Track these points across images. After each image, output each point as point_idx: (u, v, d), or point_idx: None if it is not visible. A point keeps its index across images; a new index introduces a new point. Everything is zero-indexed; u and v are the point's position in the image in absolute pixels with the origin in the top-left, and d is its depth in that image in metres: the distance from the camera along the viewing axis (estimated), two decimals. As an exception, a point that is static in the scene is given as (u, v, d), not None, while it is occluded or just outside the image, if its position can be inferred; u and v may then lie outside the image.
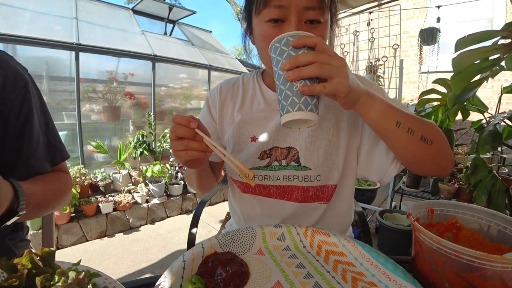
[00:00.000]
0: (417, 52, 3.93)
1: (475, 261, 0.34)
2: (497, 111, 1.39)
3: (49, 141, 0.64)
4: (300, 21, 0.55)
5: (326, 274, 0.43)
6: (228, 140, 0.73)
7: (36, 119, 0.60)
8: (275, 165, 0.68)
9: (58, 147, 0.67)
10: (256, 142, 0.69)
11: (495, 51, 0.70)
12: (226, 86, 0.77)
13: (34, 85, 0.63)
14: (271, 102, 0.71)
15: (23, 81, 0.58)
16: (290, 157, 0.67)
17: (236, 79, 0.78)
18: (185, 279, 0.39)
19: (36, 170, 0.60)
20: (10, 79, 0.56)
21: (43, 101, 0.65)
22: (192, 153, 0.50)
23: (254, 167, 0.69)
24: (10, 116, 0.56)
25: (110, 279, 0.36)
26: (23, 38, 2.32)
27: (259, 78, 0.76)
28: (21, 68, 0.61)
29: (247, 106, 0.73)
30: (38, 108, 0.62)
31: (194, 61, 3.65)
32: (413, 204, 0.47)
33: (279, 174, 0.68)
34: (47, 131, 0.64)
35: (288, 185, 0.68)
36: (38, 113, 0.62)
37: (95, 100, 2.95)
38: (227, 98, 0.75)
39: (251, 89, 0.75)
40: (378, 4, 3.03)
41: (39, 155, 0.61)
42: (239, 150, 0.71)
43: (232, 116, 0.73)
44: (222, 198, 3.49)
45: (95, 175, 2.77)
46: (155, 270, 2.07)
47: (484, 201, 1.11)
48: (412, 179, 2.25)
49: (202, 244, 0.46)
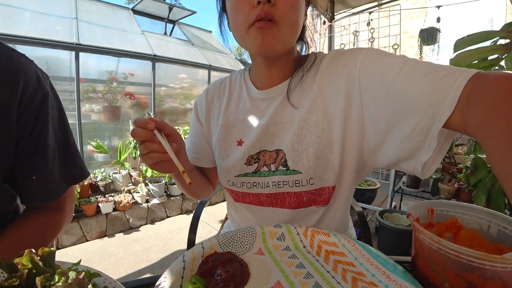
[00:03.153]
0: (417, 52, 3.93)
1: (475, 261, 0.34)
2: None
3: (68, 159, 0.59)
4: None
5: (326, 274, 0.43)
6: (214, 145, 0.69)
7: (52, 135, 0.55)
8: (264, 170, 0.62)
9: (78, 164, 0.61)
10: (243, 146, 0.64)
11: (494, 51, 0.70)
12: (213, 87, 0.73)
13: (55, 96, 0.58)
14: (256, 101, 0.65)
15: (42, 94, 0.53)
16: (278, 160, 0.60)
17: (224, 79, 0.73)
18: (185, 279, 0.39)
19: (52, 191, 0.56)
20: (28, 94, 0.51)
21: (63, 113, 0.60)
22: (153, 155, 0.49)
23: (241, 174, 0.64)
24: (22, 135, 0.51)
25: (110, 279, 0.36)
26: (23, 38, 2.33)
27: (246, 73, 0.69)
28: (43, 76, 0.56)
29: (233, 107, 0.67)
30: (56, 123, 0.57)
31: (194, 61, 3.65)
32: (413, 204, 0.47)
33: (268, 181, 0.61)
34: (66, 148, 0.59)
35: (279, 192, 0.61)
36: (56, 128, 0.57)
37: (95, 100, 2.95)
38: (213, 99, 0.71)
39: (238, 88, 0.69)
40: (378, 4, 3.03)
41: (55, 174, 0.56)
42: (225, 155, 0.66)
43: (218, 119, 0.69)
44: (222, 198, 3.49)
45: (95, 175, 2.77)
46: (155, 270, 2.07)
47: (483, 201, 1.11)
48: (412, 179, 2.25)
49: (202, 244, 0.46)
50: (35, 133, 0.52)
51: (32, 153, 0.53)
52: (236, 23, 0.55)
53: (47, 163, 0.54)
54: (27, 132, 0.51)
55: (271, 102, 0.63)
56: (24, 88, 0.50)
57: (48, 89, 0.55)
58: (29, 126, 0.51)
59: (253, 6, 0.51)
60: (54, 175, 0.56)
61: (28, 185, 0.54)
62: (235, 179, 0.65)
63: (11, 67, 0.50)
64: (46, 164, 0.54)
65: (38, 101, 0.52)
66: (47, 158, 0.54)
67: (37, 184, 0.54)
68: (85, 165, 0.64)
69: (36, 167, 0.53)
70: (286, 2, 0.51)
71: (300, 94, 0.60)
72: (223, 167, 0.67)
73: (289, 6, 0.52)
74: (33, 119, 0.52)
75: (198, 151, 0.75)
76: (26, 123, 0.51)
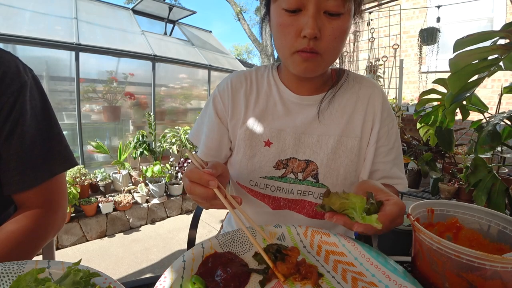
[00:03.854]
0: (417, 52, 3.93)
1: (475, 261, 0.34)
2: (497, 111, 1.39)
3: (51, 148, 0.59)
4: (319, 11, 0.50)
5: (326, 274, 0.43)
6: (238, 142, 0.67)
7: (33, 124, 0.56)
8: (290, 177, 0.64)
9: (62, 154, 0.61)
10: (272, 148, 0.64)
11: (493, 51, 0.70)
12: (237, 79, 0.69)
13: (38, 87, 0.60)
14: (289, 104, 0.65)
15: (19, 84, 0.55)
16: (308, 171, 0.63)
17: (248, 72, 0.70)
18: (185, 279, 0.39)
19: (31, 178, 0.56)
20: (6, 82, 0.53)
21: (47, 105, 0.61)
22: (216, 207, 0.48)
23: (268, 176, 0.64)
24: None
25: (110, 279, 0.36)
26: (23, 38, 2.33)
27: (274, 73, 0.69)
28: (24, 69, 0.58)
29: (261, 105, 0.66)
30: (39, 113, 0.58)
31: (194, 61, 3.65)
32: (413, 204, 0.47)
33: (293, 188, 0.64)
34: (49, 137, 0.59)
35: (301, 199, 0.64)
36: (39, 118, 0.58)
37: (95, 100, 2.95)
38: (238, 93, 0.67)
39: (266, 86, 0.68)
40: (378, 4, 3.03)
41: (34, 162, 0.56)
42: (251, 154, 0.65)
43: (244, 115, 0.66)
44: (222, 198, 3.48)
45: (95, 175, 2.77)
46: (155, 270, 2.07)
47: (484, 201, 1.11)
48: (412, 179, 2.24)
49: (202, 244, 0.46)
50: (11, 118, 0.54)
51: (8, 136, 0.54)
52: (280, 44, 0.57)
53: (25, 149, 0.55)
54: (3, 117, 0.53)
55: (305, 109, 0.65)
56: (2, 77, 0.53)
57: (28, 80, 0.57)
58: (4, 110, 0.53)
59: (299, 35, 0.52)
60: (32, 162, 0.56)
61: (6, 171, 0.55)
62: (260, 180, 0.65)
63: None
64: (23, 150, 0.55)
65: (15, 89, 0.54)
66: (24, 144, 0.55)
67: (14, 170, 0.55)
68: (72, 155, 0.64)
69: (12, 152, 0.54)
70: (331, 35, 0.52)
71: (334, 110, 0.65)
72: (248, 166, 0.65)
73: (333, 38, 0.53)
74: (9, 105, 0.54)
75: (216, 148, 0.70)
76: (1, 107, 0.53)
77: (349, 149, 0.63)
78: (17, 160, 0.55)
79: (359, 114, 0.65)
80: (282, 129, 0.64)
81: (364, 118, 0.65)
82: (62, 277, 0.34)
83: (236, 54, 18.48)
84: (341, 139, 0.63)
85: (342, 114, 0.65)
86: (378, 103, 0.65)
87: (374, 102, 0.65)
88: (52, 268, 0.37)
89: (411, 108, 3.18)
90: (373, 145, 0.65)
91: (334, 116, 0.65)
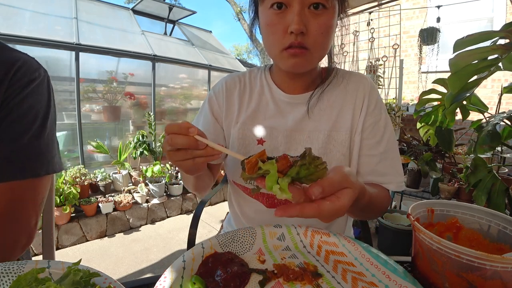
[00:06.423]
0: (417, 52, 3.93)
1: (475, 261, 0.34)
2: (497, 111, 1.39)
3: (35, 148, 0.56)
4: (303, 6, 0.53)
5: (326, 274, 0.43)
6: (232, 141, 0.69)
7: (19, 122, 0.54)
8: None
9: (47, 157, 0.58)
10: (264, 146, 0.65)
11: (493, 51, 0.70)
12: (231, 81, 0.72)
13: (48, 90, 0.61)
14: (280, 104, 0.67)
15: (34, 76, 0.57)
16: None
17: (242, 74, 0.73)
18: (185, 279, 0.39)
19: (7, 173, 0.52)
20: (22, 71, 0.56)
21: (51, 109, 0.60)
22: (198, 161, 0.45)
23: None
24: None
25: (110, 279, 0.36)
26: (23, 38, 2.33)
27: (266, 74, 0.71)
28: (39, 67, 0.60)
29: (254, 105, 0.69)
30: (40, 109, 0.58)
31: (194, 61, 3.65)
32: (413, 204, 0.47)
33: None
34: (38, 137, 0.57)
35: None
36: (30, 120, 0.56)
37: (95, 100, 2.95)
38: (232, 94, 0.70)
39: (259, 86, 0.70)
40: (378, 4, 3.03)
41: (10, 154, 0.53)
42: (244, 152, 0.67)
43: (238, 114, 0.69)
44: (222, 198, 3.49)
45: (95, 175, 2.77)
46: (155, 270, 2.07)
47: (484, 201, 1.11)
48: (412, 179, 2.24)
49: (202, 244, 0.46)
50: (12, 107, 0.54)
51: (6, 122, 0.54)
52: (269, 43, 0.59)
53: (4, 148, 0.53)
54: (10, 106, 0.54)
55: (295, 107, 0.67)
56: (18, 68, 0.56)
57: (43, 76, 0.60)
58: (13, 100, 0.54)
59: (286, 32, 0.54)
60: (12, 162, 0.53)
61: None
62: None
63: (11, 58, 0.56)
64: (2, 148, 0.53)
65: (29, 80, 0.57)
66: (3, 143, 0.53)
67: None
68: (58, 161, 0.61)
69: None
70: (317, 30, 0.54)
71: (323, 107, 0.66)
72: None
73: (320, 33, 0.55)
74: (21, 95, 0.55)
75: None
76: (14, 96, 0.55)
77: (340, 143, 0.64)
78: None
79: (348, 108, 0.66)
80: (274, 128, 0.66)
81: (353, 112, 0.65)
82: (62, 277, 0.34)
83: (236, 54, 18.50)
84: (331, 133, 0.65)
85: (331, 109, 0.66)
86: (366, 94, 0.66)
87: (361, 94, 0.66)
88: (52, 268, 0.37)
89: (411, 108, 3.18)
90: (359, 134, 0.65)
91: (324, 112, 0.66)
